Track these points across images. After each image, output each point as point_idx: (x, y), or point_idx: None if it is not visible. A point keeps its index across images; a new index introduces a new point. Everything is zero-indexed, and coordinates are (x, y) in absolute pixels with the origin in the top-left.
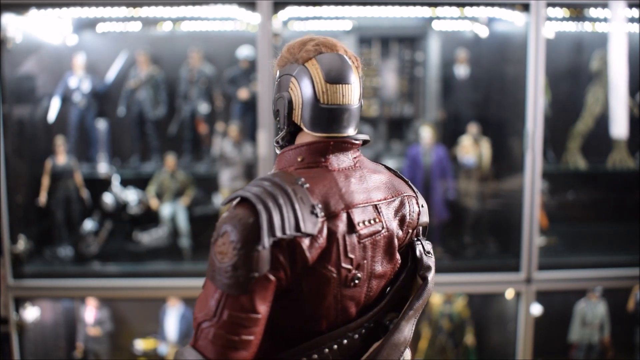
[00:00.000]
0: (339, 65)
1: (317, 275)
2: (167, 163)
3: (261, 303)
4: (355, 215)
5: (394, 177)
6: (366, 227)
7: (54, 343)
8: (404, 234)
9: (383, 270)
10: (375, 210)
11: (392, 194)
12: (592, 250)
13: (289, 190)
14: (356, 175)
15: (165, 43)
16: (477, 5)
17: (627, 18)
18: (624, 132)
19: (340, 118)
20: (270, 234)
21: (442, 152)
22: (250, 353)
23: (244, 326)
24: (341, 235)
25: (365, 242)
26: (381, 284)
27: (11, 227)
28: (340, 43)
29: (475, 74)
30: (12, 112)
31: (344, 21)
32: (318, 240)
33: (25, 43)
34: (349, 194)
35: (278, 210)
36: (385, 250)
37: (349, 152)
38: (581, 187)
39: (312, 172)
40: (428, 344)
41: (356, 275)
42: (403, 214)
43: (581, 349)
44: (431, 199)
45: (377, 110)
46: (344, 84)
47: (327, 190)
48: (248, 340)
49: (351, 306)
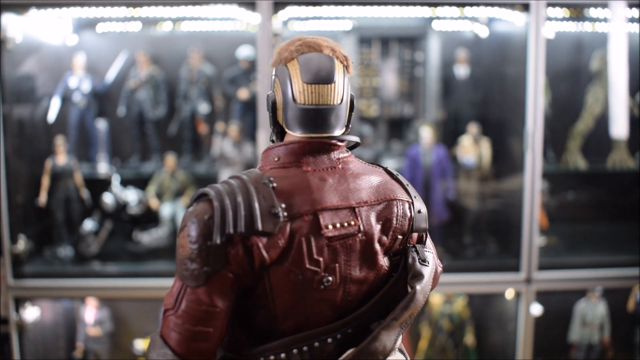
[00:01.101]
0: (318, 65)
1: (279, 275)
2: (167, 163)
3: (218, 297)
4: (324, 217)
5: (389, 181)
6: (337, 229)
7: (54, 343)
8: (391, 239)
9: (362, 275)
10: (352, 213)
11: (378, 197)
12: (592, 250)
13: (251, 189)
14: (335, 176)
15: (165, 43)
16: (477, 5)
17: (627, 18)
18: (624, 132)
19: (318, 118)
20: (222, 231)
21: (442, 152)
22: (210, 344)
23: (201, 318)
24: (305, 236)
25: (336, 245)
26: (362, 289)
27: (11, 227)
28: (329, 42)
29: (475, 74)
30: (12, 112)
31: (344, 21)
32: (277, 240)
33: (25, 43)
34: (320, 196)
35: (233, 208)
36: (362, 255)
37: (331, 153)
38: (581, 187)
39: (286, 172)
40: (428, 344)
41: (326, 278)
42: (388, 218)
43: (581, 349)
44: (431, 199)
45: (377, 110)
46: (322, 84)
47: (295, 190)
48: (206, 332)
49: (325, 309)
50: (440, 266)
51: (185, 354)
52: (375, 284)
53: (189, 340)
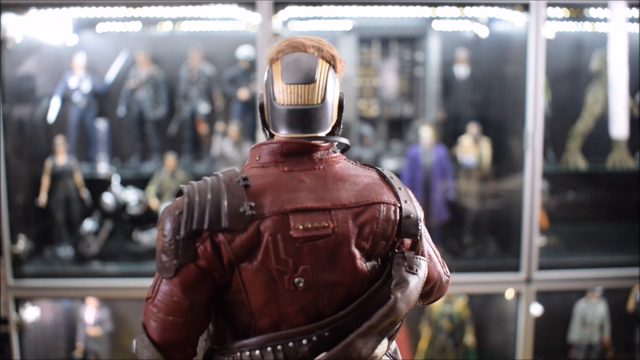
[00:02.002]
0: (299, 65)
1: (249, 272)
2: (167, 163)
3: (188, 290)
4: (294, 217)
5: (377, 184)
6: (307, 231)
7: (54, 343)
8: (371, 243)
9: (337, 278)
10: (327, 215)
11: (359, 200)
12: (592, 250)
13: (222, 187)
14: (314, 177)
15: (165, 43)
16: (477, 5)
17: (627, 18)
18: (624, 132)
19: (298, 118)
20: (189, 226)
21: (442, 152)
22: (183, 334)
23: (173, 309)
24: (273, 236)
25: (305, 247)
26: (340, 293)
27: (11, 227)
28: (317, 42)
29: (475, 74)
30: (12, 112)
31: (344, 21)
32: (244, 238)
33: (25, 43)
34: (293, 196)
35: (202, 205)
36: (336, 258)
37: (312, 154)
38: (581, 187)
39: (264, 172)
40: (428, 344)
41: (297, 278)
42: (368, 222)
43: (581, 349)
44: (431, 199)
45: (377, 110)
46: (301, 84)
47: (268, 190)
48: (179, 322)
49: (301, 310)
50: (447, 275)
51: (160, 342)
52: (357, 288)
53: (163, 329)
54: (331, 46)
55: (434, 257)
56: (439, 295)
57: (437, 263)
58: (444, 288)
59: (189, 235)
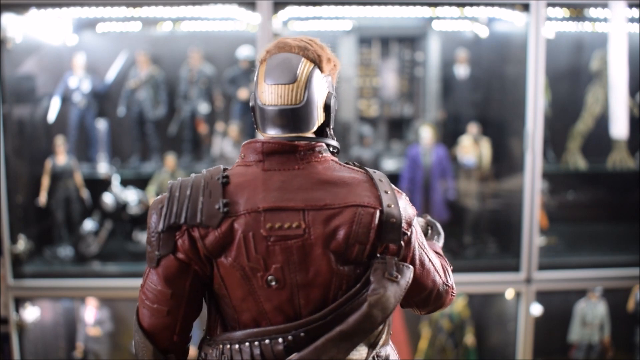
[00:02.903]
0: (280, 65)
1: (225, 268)
2: (167, 163)
3: (170, 280)
4: (267, 216)
5: (361, 186)
6: (280, 230)
7: (54, 343)
8: (346, 247)
9: (310, 279)
10: (301, 215)
11: (336, 201)
12: (592, 250)
13: (202, 184)
14: (291, 177)
15: (165, 43)
16: (477, 5)
17: (627, 18)
18: (624, 132)
19: (279, 118)
20: (167, 220)
21: (442, 152)
22: (167, 322)
23: (157, 297)
24: (246, 233)
25: (277, 246)
26: (317, 295)
27: (11, 227)
28: (304, 42)
29: (475, 74)
30: (12, 112)
31: (344, 21)
32: (217, 234)
33: (25, 43)
34: (268, 195)
35: (181, 200)
36: (310, 258)
37: (293, 154)
38: (581, 187)
39: (245, 170)
40: (428, 344)
41: (271, 276)
42: (343, 224)
43: (581, 349)
44: (431, 199)
45: (377, 110)
46: (281, 84)
47: (246, 188)
48: (162, 310)
49: (276, 309)
50: (448, 286)
51: (147, 327)
52: (335, 291)
53: (149, 316)
54: (322, 46)
55: (427, 265)
56: (439, 305)
57: (433, 271)
58: (444, 298)
59: (168, 228)
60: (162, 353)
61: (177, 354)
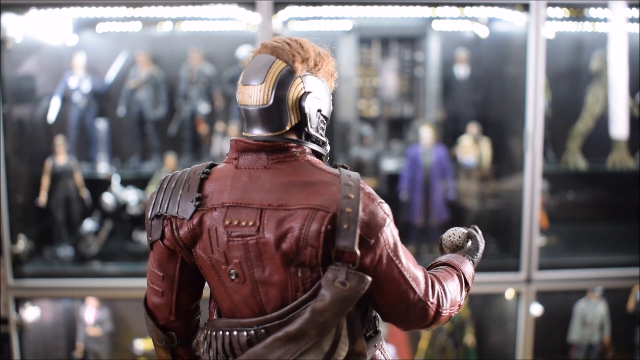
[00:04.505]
0: (254, 66)
1: (199, 258)
2: (167, 163)
3: (160, 264)
4: (229, 212)
5: (324, 189)
6: (237, 227)
7: (54, 343)
8: (297, 249)
9: (266, 277)
10: (257, 214)
11: (292, 202)
12: (592, 250)
13: (184, 179)
14: (256, 176)
15: (165, 43)
16: (477, 5)
17: (627, 18)
18: (624, 132)
19: (249, 118)
20: (153, 210)
21: (442, 152)
22: (163, 302)
23: (153, 278)
24: (212, 227)
25: (236, 241)
26: (275, 293)
27: (11, 227)
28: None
29: (475, 74)
30: (12, 112)
31: (344, 21)
32: (189, 226)
33: (25, 43)
34: (235, 192)
35: (165, 193)
36: (265, 257)
37: (261, 153)
38: (581, 187)
39: (224, 167)
40: (428, 344)
41: (232, 270)
42: (294, 226)
43: (581, 349)
44: (431, 199)
45: (377, 110)
46: (250, 85)
47: (218, 185)
48: (157, 290)
49: (243, 302)
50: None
51: (148, 304)
52: (293, 292)
53: (149, 294)
54: (305, 48)
55: (397, 277)
56: (422, 323)
57: (405, 285)
58: (427, 315)
59: (155, 216)
60: (161, 329)
61: (178, 332)
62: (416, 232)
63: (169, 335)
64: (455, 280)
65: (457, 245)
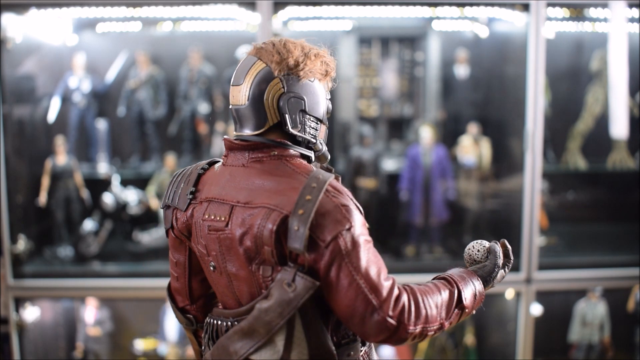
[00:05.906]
0: (239, 67)
1: (192, 247)
2: (167, 163)
3: (173, 250)
4: (209, 207)
5: (287, 188)
6: (212, 221)
7: (54, 343)
8: (258, 248)
9: (236, 271)
10: (228, 210)
11: (254, 201)
12: (592, 250)
13: (187, 174)
14: (235, 173)
15: (165, 43)
16: (477, 5)
17: (627, 18)
18: (624, 132)
19: (235, 118)
20: (163, 201)
21: (442, 152)
22: (178, 286)
23: (171, 263)
24: (198, 220)
25: (213, 235)
26: (244, 288)
27: (11, 227)
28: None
29: (475, 74)
30: (12, 112)
31: (344, 21)
32: (184, 217)
33: (25, 43)
34: (218, 188)
35: (173, 186)
36: (232, 253)
37: (242, 152)
38: (581, 187)
39: (220, 164)
40: (428, 344)
41: (211, 262)
42: (253, 224)
43: (581, 349)
44: (431, 199)
45: (377, 110)
46: (233, 86)
47: (209, 181)
48: (174, 275)
49: (224, 293)
50: (384, 315)
51: (170, 287)
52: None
53: (171, 278)
54: (288, 48)
55: (351, 284)
56: (382, 336)
57: (360, 295)
58: (387, 330)
59: (164, 207)
60: (180, 312)
61: (196, 316)
62: (416, 232)
63: (187, 318)
64: (443, 296)
65: (474, 260)
